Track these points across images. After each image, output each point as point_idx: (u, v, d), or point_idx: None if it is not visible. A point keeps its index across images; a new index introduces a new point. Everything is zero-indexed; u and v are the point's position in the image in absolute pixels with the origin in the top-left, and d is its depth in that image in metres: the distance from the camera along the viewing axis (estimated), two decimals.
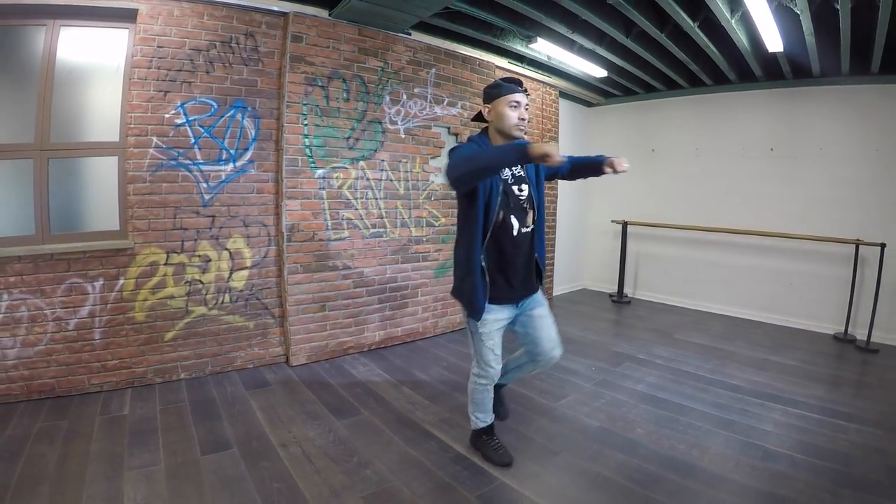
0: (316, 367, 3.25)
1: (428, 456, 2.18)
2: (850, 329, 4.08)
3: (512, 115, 1.78)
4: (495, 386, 2.21)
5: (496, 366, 1.96)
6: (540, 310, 2.00)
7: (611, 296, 5.66)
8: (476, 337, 1.94)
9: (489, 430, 2.15)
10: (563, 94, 5.45)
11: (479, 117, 1.90)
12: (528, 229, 1.89)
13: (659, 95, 5.28)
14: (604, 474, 2.06)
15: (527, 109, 1.83)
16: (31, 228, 2.58)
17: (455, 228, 1.98)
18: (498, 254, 1.85)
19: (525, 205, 1.87)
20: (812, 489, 1.96)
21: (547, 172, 2.00)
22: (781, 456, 2.22)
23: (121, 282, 2.73)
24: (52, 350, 2.59)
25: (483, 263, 1.82)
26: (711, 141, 4.98)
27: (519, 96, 1.79)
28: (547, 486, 1.98)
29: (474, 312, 1.86)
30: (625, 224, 5.46)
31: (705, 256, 5.10)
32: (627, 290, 5.64)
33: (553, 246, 5.41)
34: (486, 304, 1.86)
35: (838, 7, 2.70)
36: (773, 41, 3.28)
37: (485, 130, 1.90)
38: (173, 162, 2.81)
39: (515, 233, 1.85)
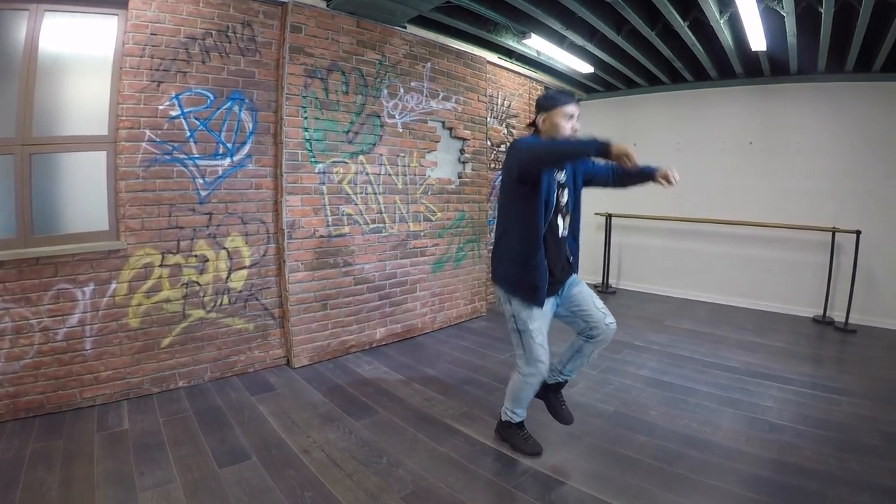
0: (320, 368, 3.16)
1: (456, 451, 2.16)
2: (828, 312, 4.36)
3: (566, 126, 1.85)
4: (555, 387, 2.19)
5: (546, 360, 1.96)
6: (578, 286, 2.05)
7: (596, 286, 5.81)
8: (526, 335, 1.92)
9: (520, 423, 2.16)
10: (548, 90, 5.53)
11: (532, 125, 1.97)
12: (566, 233, 1.99)
13: (640, 91, 5.44)
14: (630, 455, 2.12)
15: (578, 120, 1.88)
16: (13, 230, 2.37)
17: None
18: (546, 249, 1.88)
19: (564, 210, 1.96)
20: (818, 455, 2.11)
21: (585, 178, 2.04)
22: (785, 428, 2.37)
23: (113, 286, 2.55)
24: (39, 363, 2.38)
25: (545, 254, 1.85)
26: (692, 135, 5.18)
27: (572, 108, 1.86)
28: (580, 470, 2.02)
29: (538, 299, 1.86)
30: (609, 216, 5.61)
31: (687, 246, 5.32)
32: (612, 281, 5.80)
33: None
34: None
35: (822, 10, 2.87)
36: (758, 41, 3.45)
37: (536, 134, 1.95)
38: (167, 156, 2.64)
39: (560, 234, 1.94)
